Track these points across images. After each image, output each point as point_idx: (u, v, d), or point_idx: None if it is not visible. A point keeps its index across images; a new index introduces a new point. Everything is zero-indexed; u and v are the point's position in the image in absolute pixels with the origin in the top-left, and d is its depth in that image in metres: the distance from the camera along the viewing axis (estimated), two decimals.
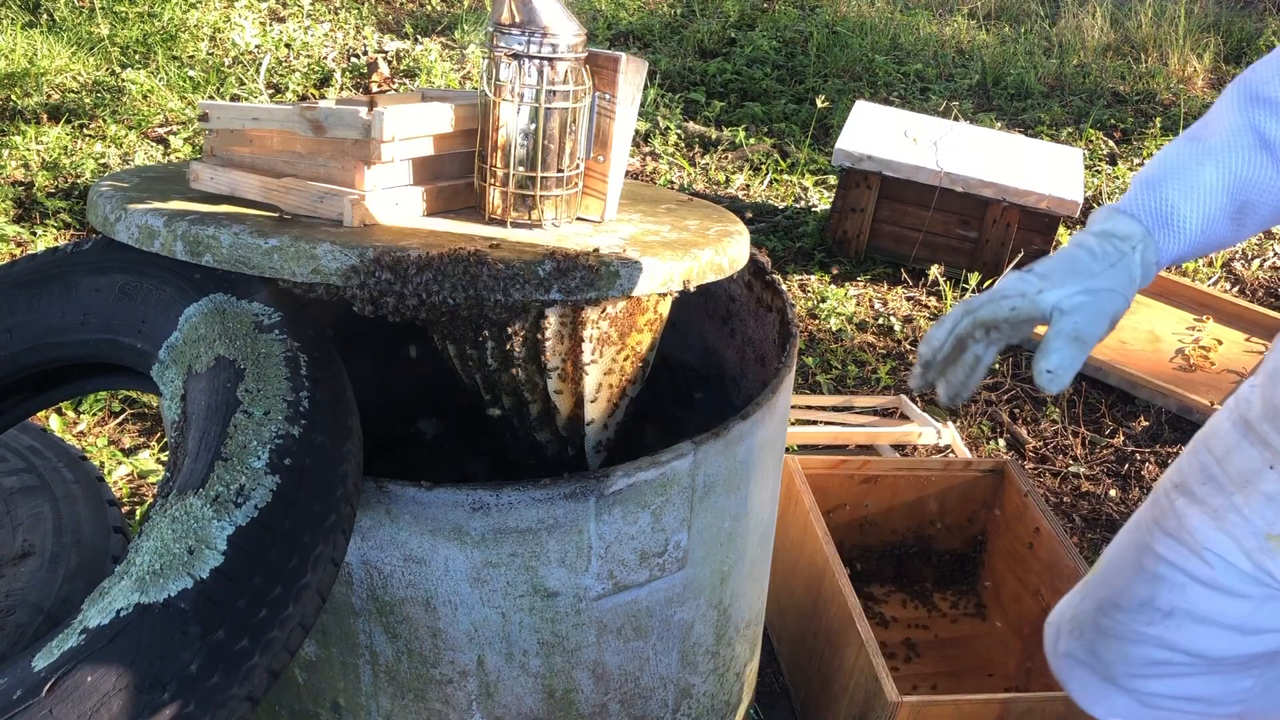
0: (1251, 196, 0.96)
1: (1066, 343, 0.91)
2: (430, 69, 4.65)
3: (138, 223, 1.10)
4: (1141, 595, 1.18)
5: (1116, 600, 1.22)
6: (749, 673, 1.52)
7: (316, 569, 0.86)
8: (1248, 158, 0.95)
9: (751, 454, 1.20)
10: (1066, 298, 0.92)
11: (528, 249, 1.11)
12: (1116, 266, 0.94)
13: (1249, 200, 0.96)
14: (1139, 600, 1.19)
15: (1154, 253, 0.96)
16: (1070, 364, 0.90)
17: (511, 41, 1.14)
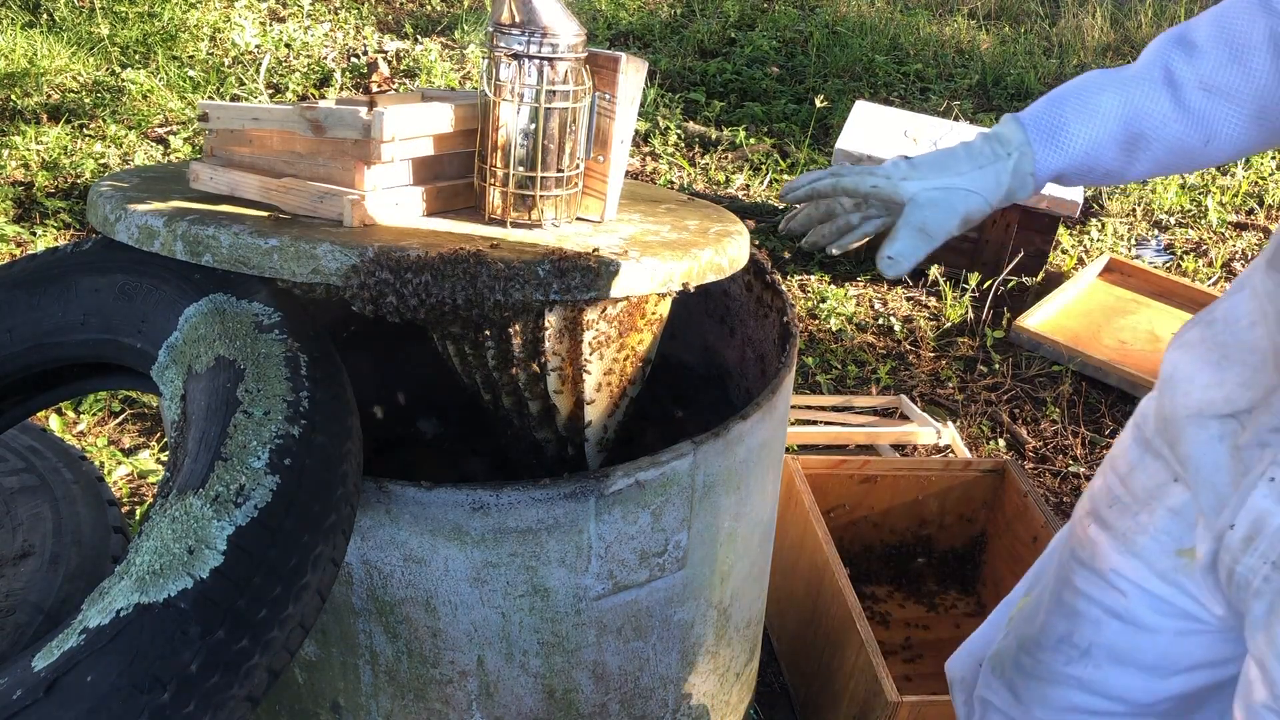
0: (1145, 129, 0.96)
1: (912, 233, 0.94)
2: (430, 69, 4.65)
3: (138, 223, 1.10)
4: (1060, 631, 1.14)
5: (1037, 637, 1.17)
6: (749, 673, 1.52)
7: (316, 569, 0.86)
8: (1149, 91, 0.96)
9: (751, 454, 1.20)
10: (924, 190, 0.95)
11: (527, 249, 1.11)
12: (986, 169, 0.96)
13: (1142, 132, 0.96)
14: (1057, 637, 1.14)
15: (1030, 163, 0.97)
16: (912, 253, 0.94)
17: (511, 41, 1.14)
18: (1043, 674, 1.16)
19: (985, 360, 3.12)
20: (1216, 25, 0.95)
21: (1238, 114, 0.95)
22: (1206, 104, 0.95)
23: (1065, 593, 1.14)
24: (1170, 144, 0.97)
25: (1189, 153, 0.98)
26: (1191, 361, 1.03)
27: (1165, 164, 0.99)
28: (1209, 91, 0.94)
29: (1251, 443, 0.94)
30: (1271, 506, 0.91)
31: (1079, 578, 1.13)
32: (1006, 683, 1.21)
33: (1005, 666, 1.22)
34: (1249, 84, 0.93)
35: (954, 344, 3.21)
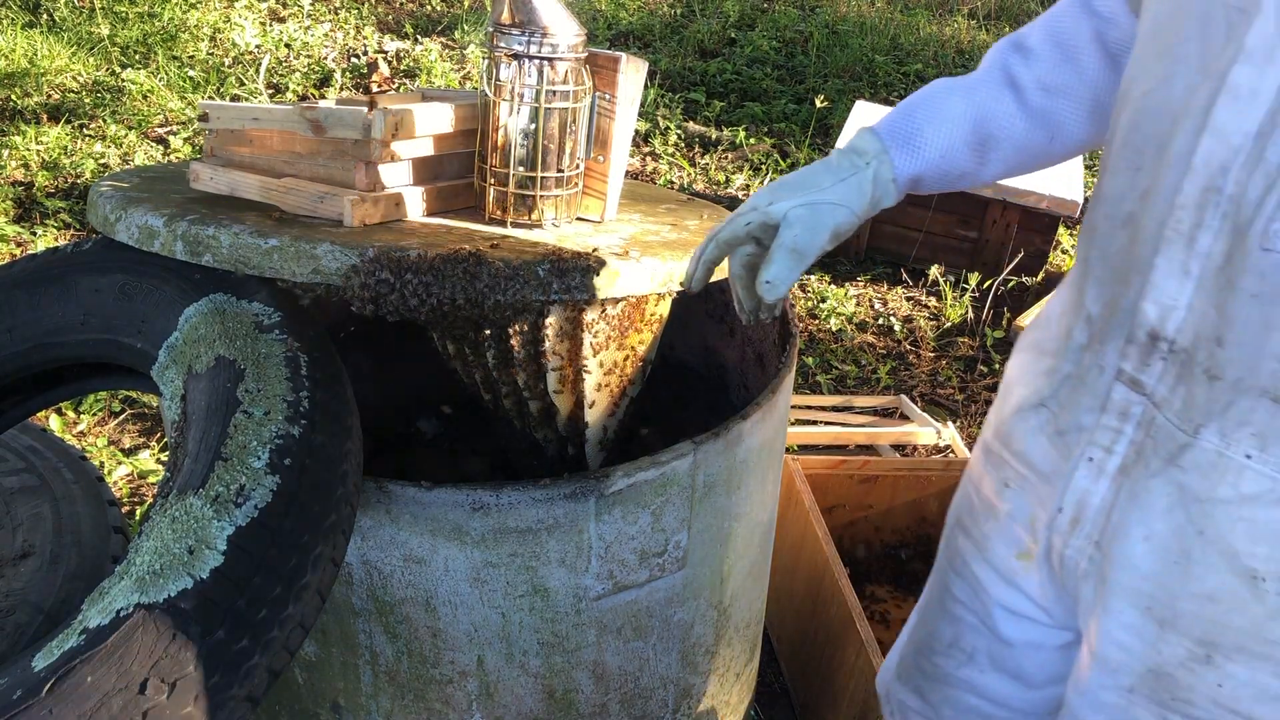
0: (993, 130, 1.01)
1: (785, 254, 0.95)
2: (430, 69, 4.65)
3: (138, 223, 1.10)
4: (948, 636, 1.17)
5: (931, 642, 1.20)
6: (749, 673, 1.52)
7: (316, 569, 0.86)
8: (994, 94, 1.00)
9: (751, 454, 1.20)
10: (791, 209, 0.97)
11: (527, 249, 1.11)
12: (847, 181, 1.00)
13: (991, 134, 1.01)
14: (947, 641, 1.17)
15: (889, 170, 1.01)
16: (788, 275, 0.95)
17: (511, 41, 1.14)
18: (941, 677, 1.20)
19: (985, 360, 3.12)
20: (1047, 29, 1.00)
21: (1076, 110, 1.00)
22: (1047, 103, 1.00)
23: (946, 599, 1.17)
24: (1018, 143, 1.02)
25: (1036, 151, 1.03)
26: (1019, 364, 1.07)
27: (1015, 163, 1.04)
28: (1048, 91, 1.00)
29: (1070, 426, 0.97)
30: (1091, 486, 0.94)
31: (955, 585, 1.16)
32: (914, 687, 1.24)
33: (910, 672, 1.25)
34: (1082, 81, 0.99)
35: (954, 344, 3.21)
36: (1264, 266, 0.74)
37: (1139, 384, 0.88)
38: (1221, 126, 0.75)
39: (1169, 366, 0.85)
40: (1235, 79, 0.74)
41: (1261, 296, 0.75)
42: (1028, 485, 1.03)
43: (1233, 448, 0.82)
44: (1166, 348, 0.84)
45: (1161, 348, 0.85)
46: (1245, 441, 0.81)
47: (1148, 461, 0.89)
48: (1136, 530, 0.90)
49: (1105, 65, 0.98)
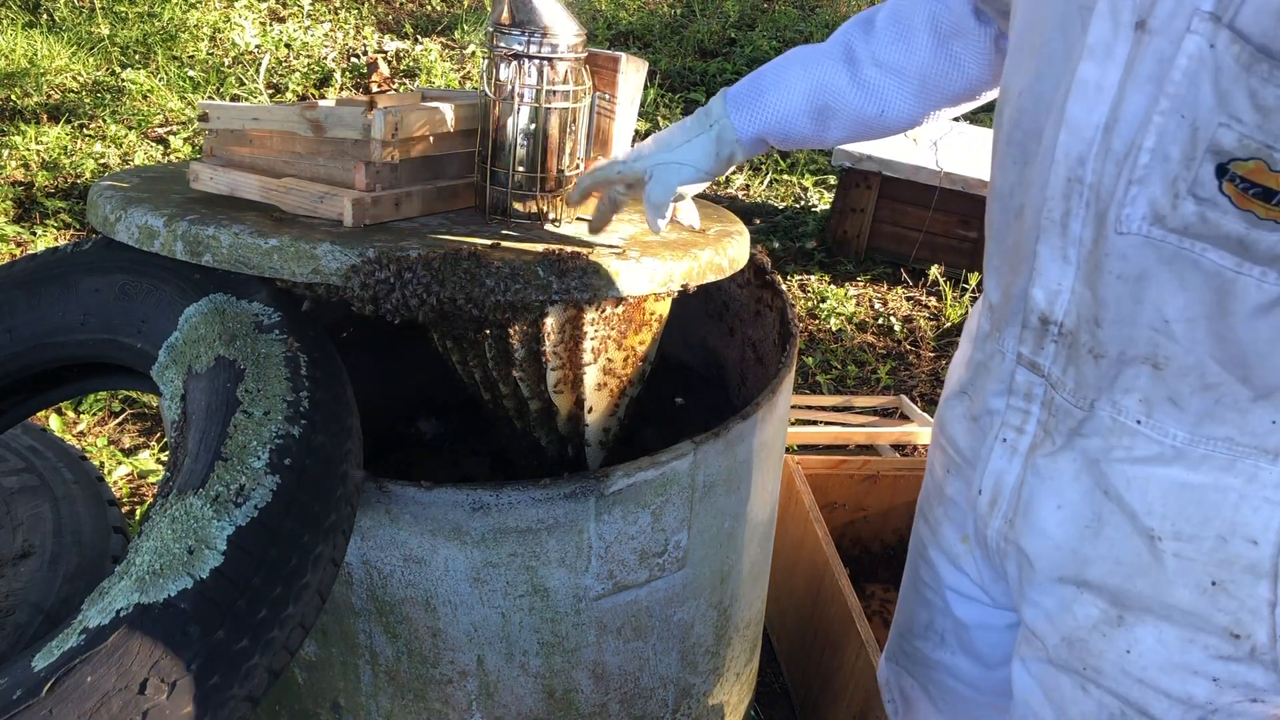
0: (829, 100, 1.08)
1: (648, 206, 1.12)
2: (430, 69, 4.65)
3: (138, 223, 1.10)
4: (923, 619, 1.21)
5: (910, 625, 1.23)
6: (749, 673, 1.52)
7: (316, 569, 0.86)
8: (831, 67, 1.07)
9: (751, 454, 1.20)
10: (650, 166, 1.12)
11: (527, 249, 1.11)
12: (694, 141, 1.11)
13: (826, 103, 1.08)
14: (923, 625, 1.21)
15: (731, 131, 1.09)
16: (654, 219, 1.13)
17: (511, 41, 1.14)
18: (922, 659, 1.23)
19: None
20: (893, 8, 1.07)
21: (904, 88, 1.07)
22: (878, 79, 1.07)
23: (918, 584, 1.21)
24: (852, 115, 1.09)
25: (869, 122, 1.09)
26: (956, 354, 1.13)
27: (853, 131, 1.11)
28: (880, 67, 1.06)
29: (982, 411, 1.01)
30: (1006, 466, 0.98)
31: (921, 569, 1.19)
32: (905, 668, 1.28)
33: (898, 654, 1.29)
34: (912, 61, 1.06)
35: (954, 344, 3.21)
36: (1122, 248, 0.78)
37: (1037, 366, 0.92)
38: (1074, 120, 0.79)
39: (1060, 348, 0.89)
40: (1082, 75, 0.78)
41: (1125, 276, 0.79)
42: (960, 470, 1.07)
43: (1124, 414, 0.86)
44: (1056, 330, 0.89)
45: (1052, 330, 0.89)
46: (1134, 408, 0.85)
47: (1053, 437, 0.93)
48: (1049, 501, 0.93)
49: (934, 48, 1.05)
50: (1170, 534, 0.85)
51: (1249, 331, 0.76)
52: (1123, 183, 0.76)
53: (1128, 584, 0.89)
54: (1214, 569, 0.84)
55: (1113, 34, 0.75)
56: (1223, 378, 0.79)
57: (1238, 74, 0.67)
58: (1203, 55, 0.69)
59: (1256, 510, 0.82)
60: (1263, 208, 0.70)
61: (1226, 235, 0.73)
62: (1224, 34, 0.67)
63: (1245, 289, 0.74)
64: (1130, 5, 0.73)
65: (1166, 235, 0.76)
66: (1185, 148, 0.72)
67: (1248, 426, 0.80)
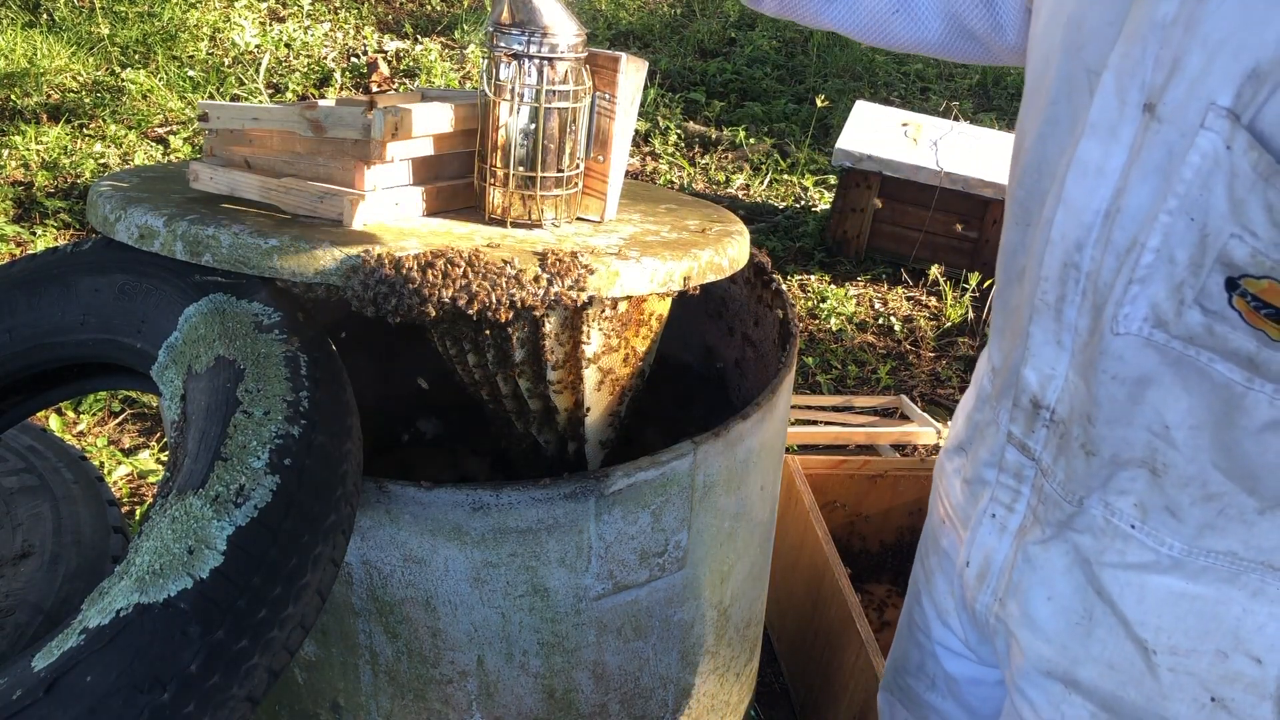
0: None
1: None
2: (430, 69, 4.65)
3: (137, 223, 1.10)
4: (915, 659, 1.17)
5: (904, 663, 1.21)
6: (749, 673, 1.52)
7: (316, 569, 0.86)
8: None
9: (751, 454, 1.20)
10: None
11: (527, 249, 1.11)
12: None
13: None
14: (915, 664, 1.18)
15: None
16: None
17: (511, 41, 1.14)
18: (914, 698, 1.20)
19: None
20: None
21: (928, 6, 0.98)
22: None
23: (912, 625, 1.18)
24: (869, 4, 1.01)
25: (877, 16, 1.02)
26: (965, 396, 1.06)
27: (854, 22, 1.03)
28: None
29: (974, 478, 0.95)
30: (995, 543, 0.92)
31: (916, 613, 1.16)
32: (898, 701, 1.26)
33: (893, 687, 1.26)
34: None
35: (954, 344, 3.21)
36: (1118, 349, 0.72)
37: (1027, 449, 0.86)
38: (1072, 201, 0.72)
39: (1051, 435, 0.83)
40: (1082, 153, 0.70)
41: (1121, 378, 0.73)
42: (955, 529, 1.01)
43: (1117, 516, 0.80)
44: (1048, 416, 0.82)
45: (1044, 415, 0.82)
46: (1128, 512, 0.79)
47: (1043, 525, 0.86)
48: (1039, 591, 0.88)
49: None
50: (1166, 648, 0.79)
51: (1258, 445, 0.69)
52: (1122, 279, 0.69)
53: (1120, 692, 0.83)
54: (1213, 685, 0.78)
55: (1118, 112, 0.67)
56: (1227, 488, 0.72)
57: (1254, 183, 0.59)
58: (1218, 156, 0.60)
59: (1261, 627, 0.75)
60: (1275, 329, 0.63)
61: (1235, 350, 0.66)
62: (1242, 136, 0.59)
63: (1256, 403, 0.67)
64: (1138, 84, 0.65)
65: (1170, 340, 0.69)
66: (1193, 253, 0.64)
67: (1253, 540, 0.74)
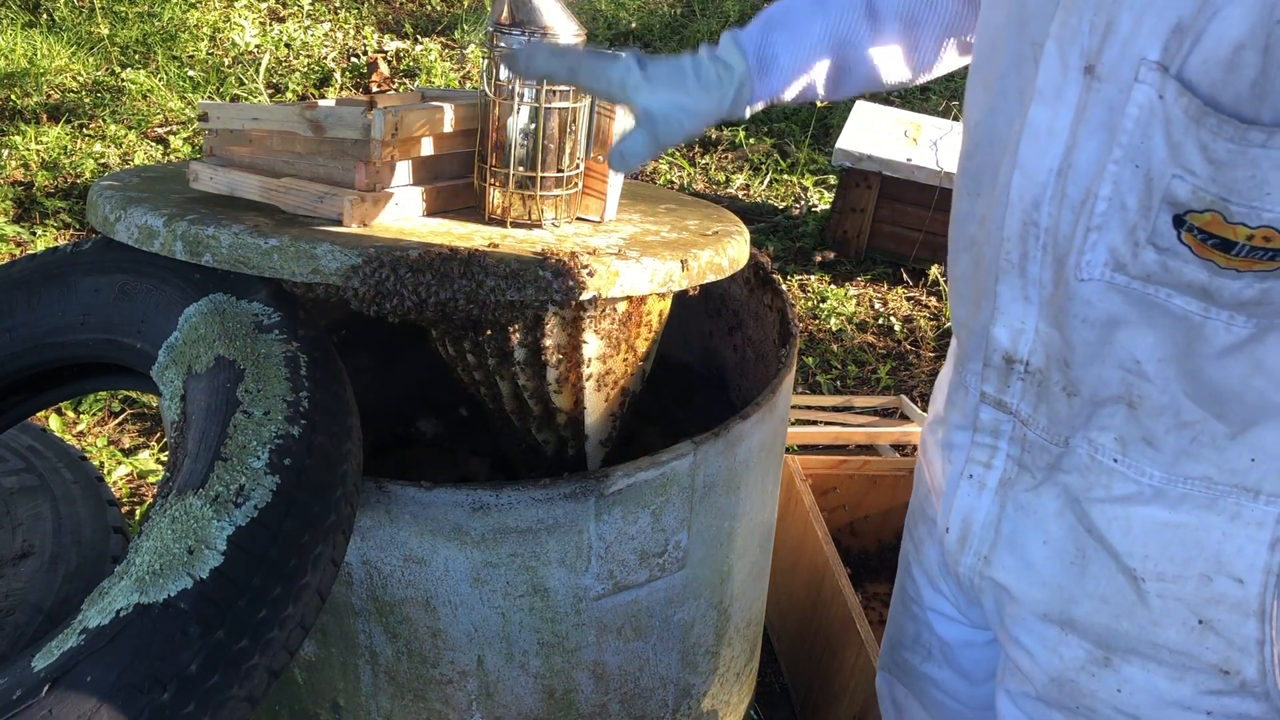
0: (849, 56, 1.03)
1: (648, 138, 0.98)
2: (430, 69, 4.65)
3: (137, 223, 1.10)
4: (910, 632, 1.20)
5: (900, 637, 1.23)
6: (749, 673, 1.52)
7: (316, 569, 0.86)
8: (853, 20, 1.02)
9: (751, 454, 1.20)
10: (658, 105, 0.98)
11: (527, 249, 1.11)
12: (710, 93, 1.01)
13: (848, 61, 1.03)
14: (911, 637, 1.20)
15: (748, 93, 1.02)
16: (643, 154, 0.99)
17: (511, 41, 1.14)
18: (911, 670, 1.22)
19: None
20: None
21: (930, 41, 1.03)
22: (903, 32, 1.02)
23: (905, 598, 1.20)
24: (873, 70, 1.04)
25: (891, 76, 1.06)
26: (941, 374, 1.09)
27: (864, 87, 1.08)
28: (904, 21, 1.02)
29: (949, 442, 0.99)
30: (974, 503, 0.96)
31: (907, 584, 1.18)
32: (896, 678, 1.27)
33: (889, 664, 1.28)
34: (934, 14, 1.02)
35: None
36: (1085, 294, 0.77)
37: (1003, 404, 0.90)
38: (1027, 163, 0.77)
39: (1028, 387, 0.87)
40: (1033, 117, 0.76)
41: (1091, 321, 0.78)
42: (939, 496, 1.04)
43: (1100, 452, 0.84)
44: (1022, 369, 0.86)
45: (1018, 369, 0.87)
46: (1110, 446, 0.83)
47: (1032, 472, 0.90)
48: (1034, 536, 0.91)
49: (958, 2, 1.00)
50: (1154, 575, 0.84)
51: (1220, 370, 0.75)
52: (1080, 229, 0.75)
53: (1114, 624, 0.87)
54: (1200, 608, 0.83)
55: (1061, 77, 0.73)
56: (1198, 415, 0.77)
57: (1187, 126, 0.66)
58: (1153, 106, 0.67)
59: (1240, 549, 0.80)
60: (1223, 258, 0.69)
61: (1189, 283, 0.71)
62: (1172, 85, 0.65)
63: (1214, 331, 0.73)
64: (1078, 49, 0.71)
65: (1130, 281, 0.74)
66: (1141, 197, 0.70)
67: (1226, 464, 0.79)
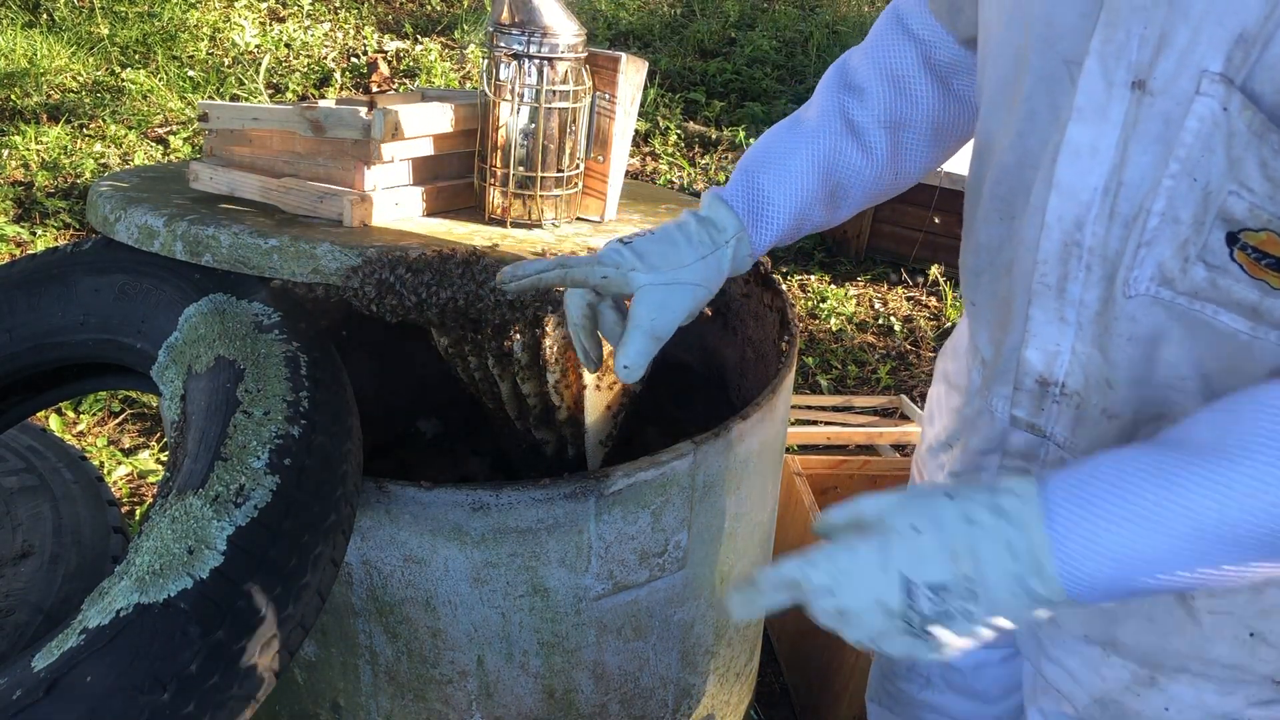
0: (841, 179, 0.98)
1: (643, 337, 0.91)
2: (430, 69, 4.65)
3: (137, 223, 1.10)
4: (905, 662, 1.18)
5: (893, 667, 1.21)
6: (749, 673, 1.52)
7: (316, 569, 0.86)
8: (835, 143, 0.97)
9: (751, 454, 1.20)
10: (652, 286, 0.91)
11: (527, 249, 1.11)
12: (708, 259, 0.94)
13: (839, 183, 0.98)
14: (905, 666, 1.18)
15: (747, 246, 0.97)
16: (645, 358, 0.91)
17: (511, 41, 1.14)
18: (906, 700, 1.20)
19: None
20: (874, 63, 0.98)
21: (918, 141, 0.99)
22: (890, 141, 0.98)
23: None
24: (867, 186, 0.99)
25: (885, 188, 1.01)
26: (936, 395, 1.07)
27: (865, 202, 1.02)
28: (888, 128, 0.97)
29: (968, 468, 0.96)
30: None
31: None
32: (888, 709, 1.26)
33: (880, 694, 1.26)
34: (918, 110, 0.98)
35: None
36: (1131, 310, 0.75)
37: (1037, 428, 0.88)
38: (1066, 184, 0.75)
39: (1064, 410, 0.85)
40: (1073, 137, 0.73)
41: (1136, 338, 0.76)
42: None
43: None
44: (1058, 391, 0.84)
45: (1053, 392, 0.84)
46: None
47: None
48: None
49: (938, 91, 0.97)
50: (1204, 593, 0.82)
51: None
52: (1131, 246, 0.73)
53: (1163, 642, 0.85)
54: (1251, 620, 0.81)
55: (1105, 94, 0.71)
56: None
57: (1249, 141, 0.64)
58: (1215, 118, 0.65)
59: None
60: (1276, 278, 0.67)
61: (1239, 301, 0.69)
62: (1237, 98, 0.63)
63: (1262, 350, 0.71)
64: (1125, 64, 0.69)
65: (1176, 297, 0.72)
66: (1196, 211, 0.68)
67: None
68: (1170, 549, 0.64)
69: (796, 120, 1.00)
